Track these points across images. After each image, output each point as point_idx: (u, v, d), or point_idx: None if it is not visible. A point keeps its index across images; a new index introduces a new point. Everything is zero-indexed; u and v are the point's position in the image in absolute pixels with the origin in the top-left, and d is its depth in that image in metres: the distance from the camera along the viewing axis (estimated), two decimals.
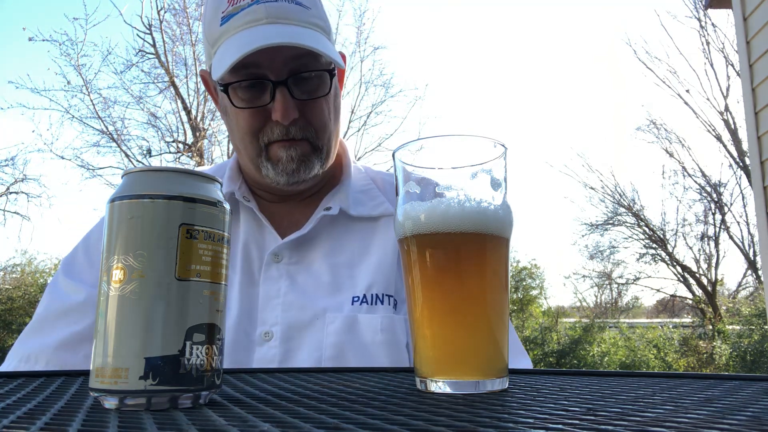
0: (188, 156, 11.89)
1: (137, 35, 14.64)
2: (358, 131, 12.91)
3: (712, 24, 12.57)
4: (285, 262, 1.03)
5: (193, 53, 12.11)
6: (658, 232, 14.01)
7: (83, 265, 1.05)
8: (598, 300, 16.32)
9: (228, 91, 0.97)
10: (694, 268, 13.61)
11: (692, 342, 10.68)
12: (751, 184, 5.22)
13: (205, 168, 1.20)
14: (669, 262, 13.95)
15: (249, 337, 0.97)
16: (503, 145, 0.58)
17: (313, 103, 1.00)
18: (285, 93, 0.96)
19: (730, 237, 13.42)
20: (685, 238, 14.52)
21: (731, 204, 13.43)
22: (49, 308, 1.00)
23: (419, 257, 0.56)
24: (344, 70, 1.11)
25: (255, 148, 1.00)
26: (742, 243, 13.19)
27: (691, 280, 13.59)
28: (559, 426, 0.35)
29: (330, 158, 1.07)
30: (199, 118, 12.01)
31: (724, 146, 12.92)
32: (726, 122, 12.70)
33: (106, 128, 11.71)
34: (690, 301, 13.93)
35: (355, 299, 1.00)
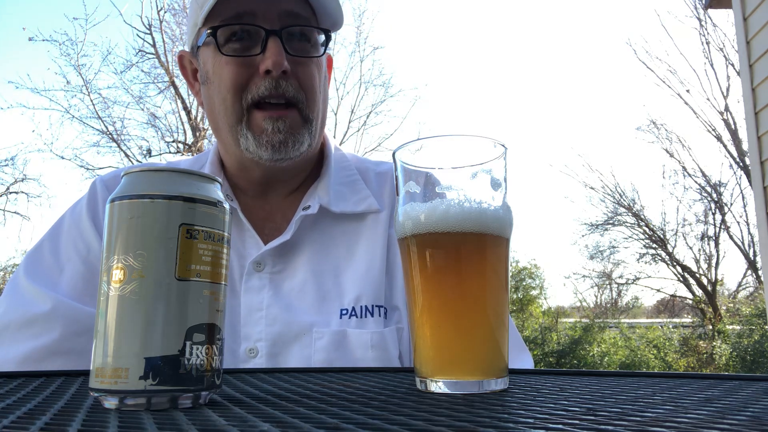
0: (188, 156, 11.89)
1: (137, 35, 14.68)
2: (358, 131, 12.92)
3: (713, 24, 12.58)
4: (267, 270, 0.97)
5: None
6: (658, 232, 14.02)
7: (50, 267, 0.96)
8: (598, 300, 16.33)
9: (216, 36, 0.91)
10: (694, 268, 13.62)
11: (692, 342, 10.68)
12: (751, 184, 5.22)
13: (182, 159, 1.15)
14: (669, 262, 13.95)
15: (233, 354, 0.92)
16: (503, 145, 0.58)
17: (306, 64, 0.94)
18: (277, 42, 0.90)
19: (730, 237, 13.42)
20: (685, 238, 14.53)
21: (731, 204, 13.44)
22: (10, 317, 0.89)
23: (419, 257, 0.56)
24: (332, 61, 1.08)
25: (236, 110, 0.92)
26: (742, 243, 13.20)
27: (691, 280, 13.59)
28: (559, 426, 0.35)
29: (316, 139, 1.00)
30: (199, 118, 12.02)
31: (724, 146, 12.92)
32: (726, 122, 12.70)
33: (106, 128, 11.73)
34: (690, 301, 13.93)
35: (344, 312, 0.94)
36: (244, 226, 1.00)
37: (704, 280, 13.36)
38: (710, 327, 11.14)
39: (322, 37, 0.98)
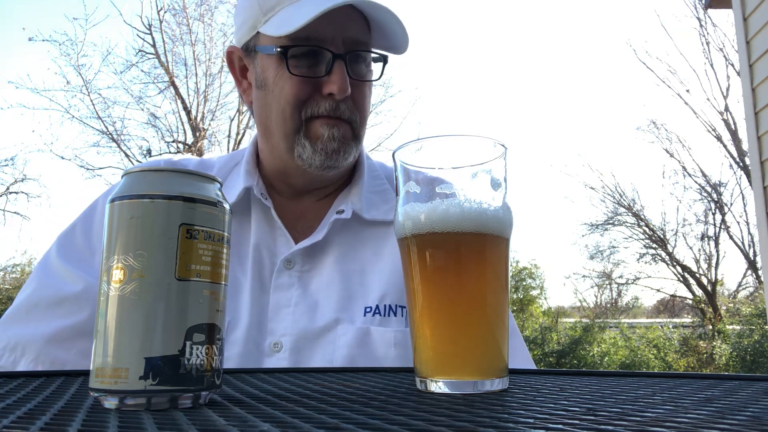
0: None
1: (137, 35, 14.66)
2: None
3: (713, 24, 12.58)
4: (297, 269, 1.00)
5: (193, 53, 12.12)
6: (658, 232, 14.02)
7: (82, 249, 0.98)
8: (598, 300, 16.33)
9: (286, 54, 0.94)
10: (694, 268, 13.62)
11: (692, 342, 10.69)
12: (751, 184, 5.22)
13: (214, 157, 1.16)
14: (669, 262, 13.95)
15: (258, 347, 0.94)
16: (503, 145, 0.58)
17: (363, 86, 0.99)
18: (343, 67, 0.94)
19: (730, 237, 13.42)
20: (685, 238, 14.55)
21: (731, 204, 13.45)
22: (40, 294, 0.92)
23: (419, 257, 0.56)
24: None
25: (295, 122, 0.96)
26: (742, 243, 13.20)
27: (691, 280, 13.59)
28: (559, 426, 0.35)
29: (359, 152, 1.05)
30: (199, 118, 12.02)
31: (724, 146, 12.93)
32: (726, 122, 12.71)
33: (106, 128, 11.74)
34: (690, 301, 13.93)
35: (368, 310, 0.97)
36: (276, 225, 1.03)
37: (704, 280, 13.36)
38: (710, 327, 11.14)
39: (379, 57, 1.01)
